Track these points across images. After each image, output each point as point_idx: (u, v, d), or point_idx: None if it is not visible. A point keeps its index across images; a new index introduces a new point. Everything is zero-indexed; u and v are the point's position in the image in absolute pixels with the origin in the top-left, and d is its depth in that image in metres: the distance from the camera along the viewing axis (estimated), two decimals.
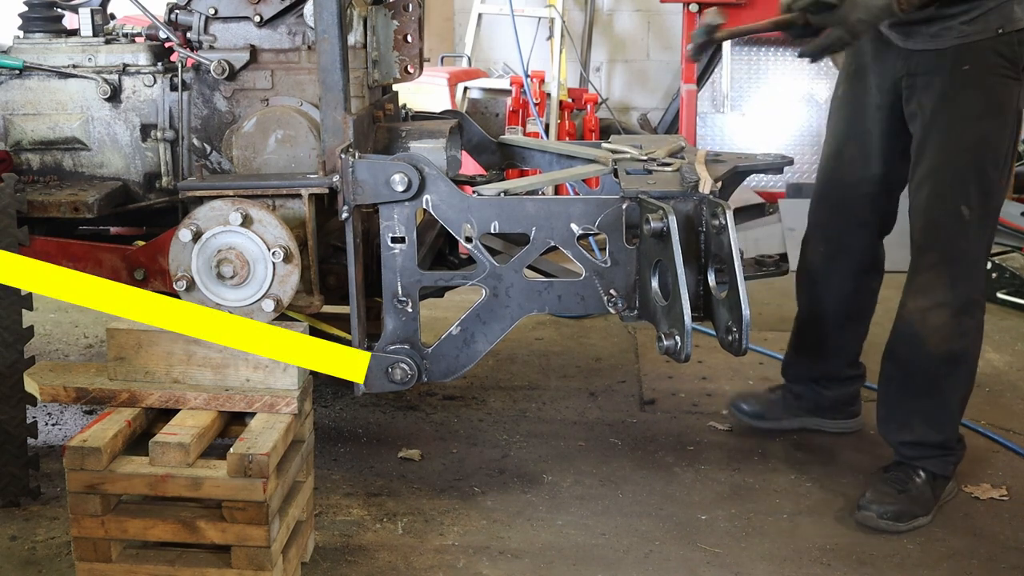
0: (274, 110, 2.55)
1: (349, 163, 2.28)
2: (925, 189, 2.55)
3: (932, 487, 2.61)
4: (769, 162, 2.85)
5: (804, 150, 6.49)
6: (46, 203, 2.62)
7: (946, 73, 2.51)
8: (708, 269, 2.23)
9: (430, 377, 2.42)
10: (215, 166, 2.73)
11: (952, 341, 2.55)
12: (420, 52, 2.79)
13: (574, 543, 2.47)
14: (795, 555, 2.42)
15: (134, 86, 2.76)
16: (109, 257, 2.60)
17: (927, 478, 2.61)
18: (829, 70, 6.53)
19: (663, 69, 6.99)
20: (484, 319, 2.37)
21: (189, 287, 2.24)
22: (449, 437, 3.06)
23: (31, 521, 2.53)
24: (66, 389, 2.22)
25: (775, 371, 3.58)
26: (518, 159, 3.12)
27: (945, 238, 2.54)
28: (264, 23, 2.66)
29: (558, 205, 2.31)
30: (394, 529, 2.53)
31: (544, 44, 6.20)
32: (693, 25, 5.24)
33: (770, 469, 2.84)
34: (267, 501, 2.01)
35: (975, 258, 2.58)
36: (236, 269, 2.23)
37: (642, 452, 2.96)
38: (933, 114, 2.53)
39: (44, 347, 3.81)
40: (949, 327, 2.54)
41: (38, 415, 3.10)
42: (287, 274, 2.24)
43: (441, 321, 3.77)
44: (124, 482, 2.05)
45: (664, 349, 2.13)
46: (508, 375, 3.56)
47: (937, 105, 2.52)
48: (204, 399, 2.18)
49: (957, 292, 2.53)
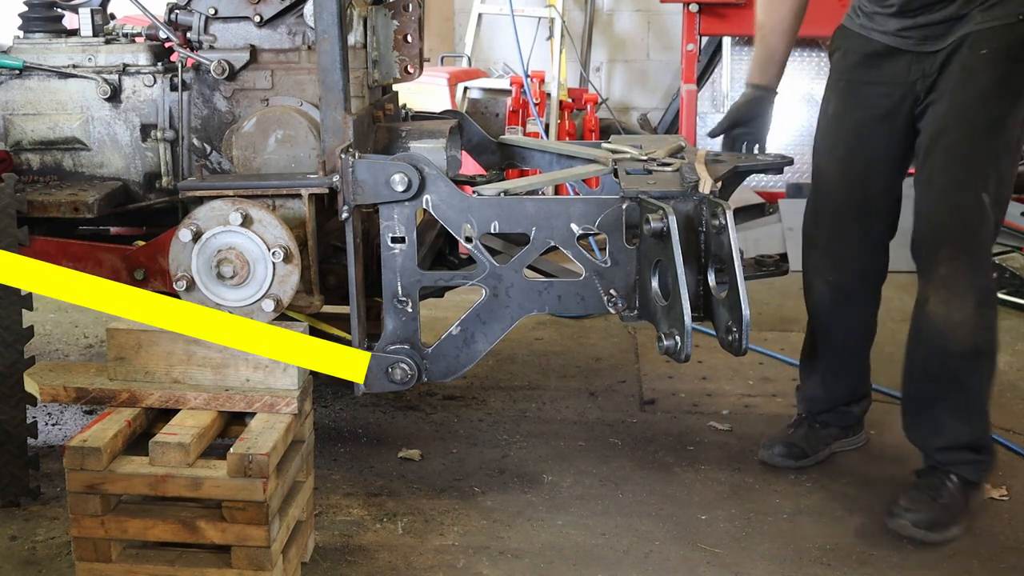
0: (274, 110, 2.55)
1: (349, 163, 2.28)
2: (944, 176, 2.45)
3: (964, 494, 2.54)
4: (769, 162, 2.84)
5: (804, 150, 6.45)
6: (46, 203, 2.61)
7: (963, 58, 2.44)
8: (708, 269, 2.23)
9: (430, 377, 2.42)
10: (215, 166, 2.73)
11: (977, 334, 2.46)
12: (420, 52, 2.79)
13: (574, 543, 2.47)
14: (795, 555, 2.42)
15: (134, 86, 2.76)
16: (109, 257, 2.60)
17: (959, 484, 2.54)
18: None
19: (663, 69, 6.99)
20: (484, 319, 2.37)
21: (189, 287, 2.24)
22: (449, 437, 3.06)
23: (31, 521, 2.53)
24: (66, 389, 2.22)
25: (775, 371, 3.59)
26: (518, 159, 3.12)
27: (966, 227, 2.43)
28: (264, 23, 2.66)
29: (558, 205, 2.31)
30: (394, 529, 2.53)
31: (544, 44, 6.20)
32: (693, 25, 5.24)
33: (770, 469, 2.84)
34: (267, 501, 2.01)
35: (990, 248, 2.50)
36: (236, 269, 2.23)
37: (642, 452, 2.96)
38: (952, 96, 2.46)
39: (44, 347, 3.81)
40: (973, 320, 2.44)
41: (38, 415, 3.10)
42: (287, 274, 2.24)
43: (441, 321, 3.77)
44: (124, 482, 2.05)
45: (664, 349, 2.13)
46: (508, 375, 3.56)
47: (955, 87, 2.45)
48: (204, 399, 2.18)
49: (978, 283, 2.44)
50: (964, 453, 2.56)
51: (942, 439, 2.56)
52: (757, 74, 2.80)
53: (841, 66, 2.70)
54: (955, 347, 2.47)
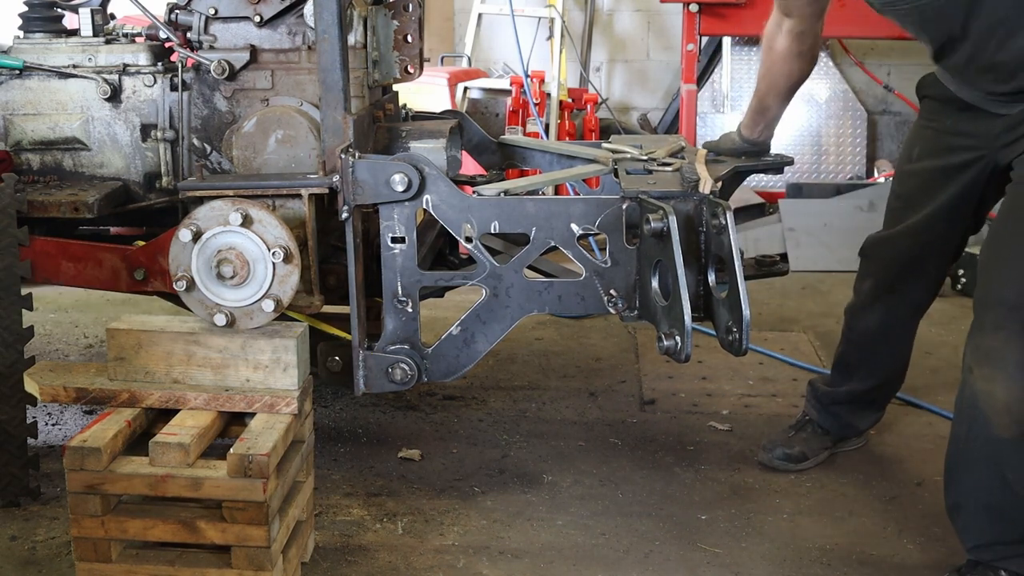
0: (274, 110, 2.55)
1: (349, 163, 2.28)
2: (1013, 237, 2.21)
3: None
4: (769, 162, 2.85)
5: (804, 150, 6.49)
6: (46, 203, 2.61)
7: None
8: (708, 269, 2.23)
9: (430, 377, 2.42)
10: (215, 166, 2.73)
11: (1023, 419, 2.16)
12: (420, 52, 2.79)
13: (574, 543, 2.47)
14: (795, 555, 2.42)
15: (134, 86, 2.76)
16: (109, 257, 2.60)
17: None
18: (829, 70, 6.55)
19: (663, 69, 6.99)
20: (484, 319, 2.37)
21: (189, 287, 2.24)
22: (449, 437, 3.06)
23: (31, 521, 2.53)
24: (66, 389, 2.22)
25: (775, 371, 3.59)
26: (518, 159, 3.12)
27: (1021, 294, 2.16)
28: (264, 23, 2.66)
29: (558, 205, 2.31)
30: (394, 529, 2.53)
31: (544, 44, 6.20)
32: (693, 25, 5.24)
33: (770, 469, 2.84)
34: (267, 501, 2.01)
35: None
36: (236, 269, 2.23)
37: (642, 452, 2.96)
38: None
39: (44, 347, 3.81)
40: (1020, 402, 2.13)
41: (38, 415, 3.10)
42: (287, 274, 2.24)
43: (441, 321, 3.77)
44: (124, 482, 2.05)
45: (664, 349, 2.13)
46: (508, 375, 3.56)
47: None
48: (204, 399, 2.18)
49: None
50: (1010, 548, 2.27)
51: (985, 537, 2.28)
52: (748, 125, 2.80)
53: (930, 114, 2.59)
54: (998, 432, 2.18)
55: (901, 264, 2.68)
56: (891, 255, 2.69)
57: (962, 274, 4.47)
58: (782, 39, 2.59)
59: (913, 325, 2.81)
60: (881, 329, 2.77)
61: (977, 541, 2.29)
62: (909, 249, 2.65)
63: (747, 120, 2.81)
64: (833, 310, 4.12)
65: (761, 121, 2.78)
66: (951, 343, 3.83)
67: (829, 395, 2.91)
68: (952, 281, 4.51)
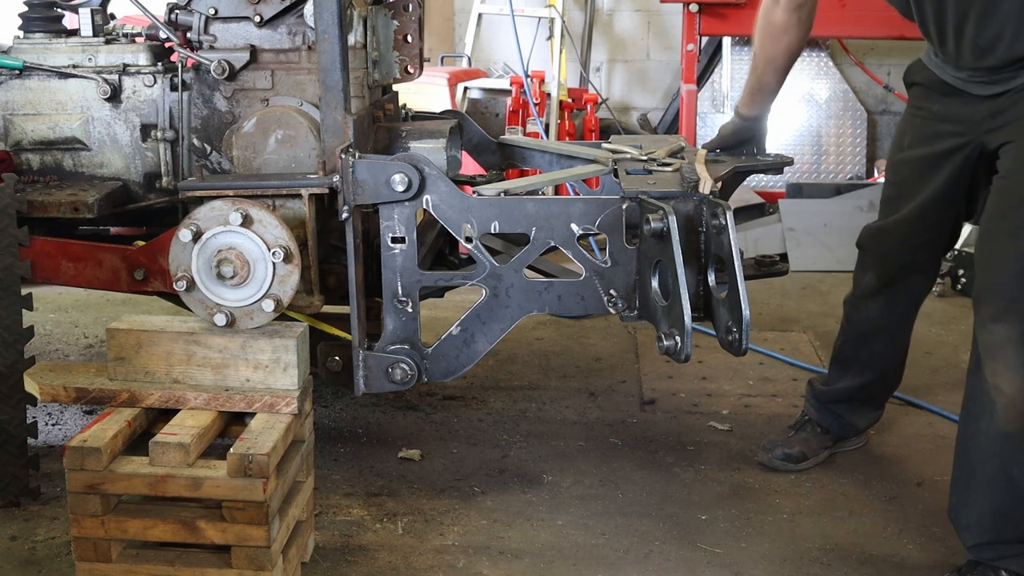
0: (274, 110, 2.55)
1: (349, 163, 2.28)
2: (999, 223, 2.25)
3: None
4: (769, 162, 2.85)
5: (804, 150, 6.50)
6: (46, 203, 2.61)
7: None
8: (708, 269, 2.23)
9: (430, 377, 2.42)
10: (215, 166, 2.73)
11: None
12: (420, 52, 2.79)
13: (574, 543, 2.47)
14: (795, 555, 2.42)
15: (134, 86, 2.76)
16: (109, 257, 2.60)
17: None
18: (829, 70, 6.55)
19: (663, 69, 6.99)
20: (484, 319, 2.37)
21: (189, 287, 2.24)
22: (449, 437, 3.06)
23: (31, 521, 2.53)
24: (66, 389, 2.22)
25: (775, 371, 3.59)
26: (518, 159, 3.12)
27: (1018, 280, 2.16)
28: (264, 23, 2.66)
29: (558, 205, 2.31)
30: (394, 529, 2.53)
31: (544, 44, 6.20)
32: (693, 25, 5.24)
33: (770, 469, 2.84)
34: (267, 501, 2.01)
35: None
36: (236, 269, 2.23)
37: (642, 452, 2.96)
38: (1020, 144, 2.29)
39: (44, 347, 3.81)
40: None
41: (38, 415, 3.10)
42: (287, 274, 2.24)
43: (441, 321, 3.77)
44: (124, 482, 2.05)
45: (664, 349, 2.13)
46: (508, 375, 3.56)
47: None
48: (204, 399, 2.18)
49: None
50: (1012, 547, 2.26)
51: (986, 536, 2.27)
52: (746, 104, 2.80)
53: (918, 98, 2.62)
54: (1004, 426, 2.17)
55: (899, 255, 2.69)
56: (889, 246, 2.71)
57: (962, 274, 4.48)
58: (780, 13, 2.62)
59: (911, 318, 2.81)
60: (880, 320, 2.78)
61: (978, 540, 2.29)
62: (905, 238, 2.66)
63: (745, 99, 2.81)
64: (833, 310, 4.12)
65: (759, 97, 2.78)
66: (951, 343, 3.83)
67: (827, 393, 2.92)
68: (952, 281, 4.52)
